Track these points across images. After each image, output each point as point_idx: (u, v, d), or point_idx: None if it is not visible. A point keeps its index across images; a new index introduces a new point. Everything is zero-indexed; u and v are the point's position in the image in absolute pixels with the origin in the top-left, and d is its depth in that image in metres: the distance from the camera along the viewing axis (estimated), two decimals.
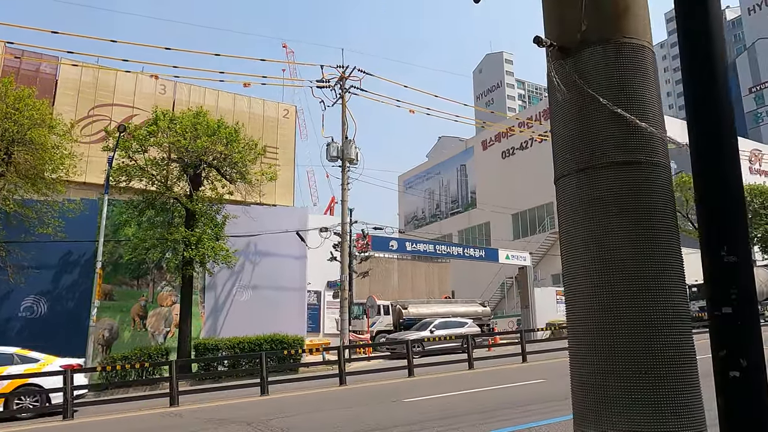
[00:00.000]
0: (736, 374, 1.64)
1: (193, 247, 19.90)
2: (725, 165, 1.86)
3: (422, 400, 9.17)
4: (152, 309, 24.10)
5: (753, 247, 45.63)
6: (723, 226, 1.80)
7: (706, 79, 1.87)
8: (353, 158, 24.84)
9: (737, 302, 1.68)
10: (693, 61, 1.92)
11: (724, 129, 1.88)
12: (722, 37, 1.92)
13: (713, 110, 1.88)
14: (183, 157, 20.75)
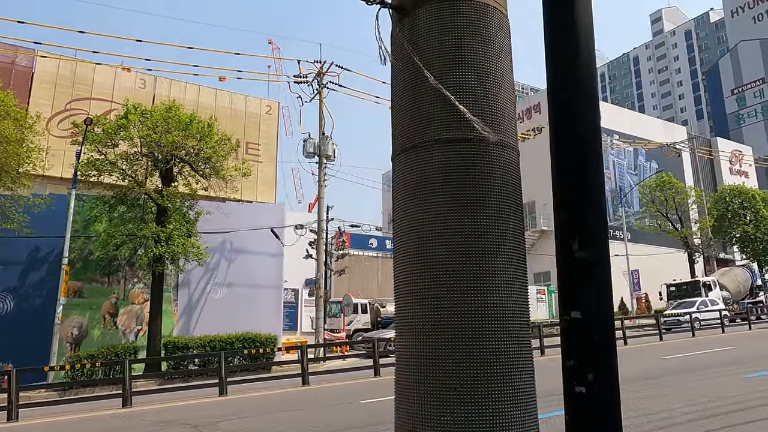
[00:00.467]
0: (581, 390, 1.40)
1: (163, 244, 19.51)
2: (584, 152, 1.61)
3: (379, 402, 8.94)
4: (123, 306, 23.64)
5: (732, 247, 46.03)
6: (576, 216, 1.56)
7: (571, 71, 1.61)
8: (330, 154, 24.56)
9: (588, 306, 1.44)
10: (557, 50, 1.67)
11: (580, 104, 1.62)
12: (589, 25, 1.67)
13: (577, 101, 1.63)
14: (154, 151, 20.33)
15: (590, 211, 1.52)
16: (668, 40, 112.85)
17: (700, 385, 8.80)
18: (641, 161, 48.74)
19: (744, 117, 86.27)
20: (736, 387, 8.47)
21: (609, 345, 1.43)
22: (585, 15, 1.62)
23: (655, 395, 8.12)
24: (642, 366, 11.50)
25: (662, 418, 6.63)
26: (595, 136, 1.59)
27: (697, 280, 32.19)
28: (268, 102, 42.41)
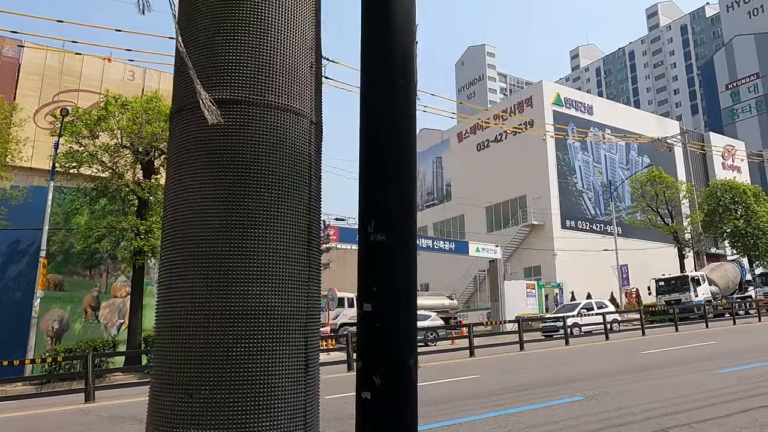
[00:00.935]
0: (367, 396, 1.20)
1: (143, 237, 19.30)
2: (387, 127, 1.39)
3: (338, 398, 8.79)
4: (105, 300, 23.45)
5: (723, 242, 46.03)
6: (373, 195, 1.36)
7: (384, 53, 1.41)
8: None
9: (378, 297, 1.24)
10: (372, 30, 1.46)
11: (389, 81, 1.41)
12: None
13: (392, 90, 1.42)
14: (134, 143, 20.07)
15: (391, 192, 1.32)
16: (664, 35, 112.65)
17: (669, 382, 8.66)
18: (633, 156, 48.64)
19: (738, 112, 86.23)
20: (706, 383, 8.33)
21: (403, 344, 1.23)
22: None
23: (620, 391, 7.97)
24: (615, 362, 11.37)
25: (619, 416, 6.47)
26: (399, 113, 1.39)
27: (685, 275, 32.13)
28: None
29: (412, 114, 1.45)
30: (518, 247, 44.10)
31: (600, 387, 8.46)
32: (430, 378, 10.86)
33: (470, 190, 48.61)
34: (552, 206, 42.29)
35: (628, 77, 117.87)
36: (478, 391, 8.70)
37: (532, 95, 45.65)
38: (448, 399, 8.28)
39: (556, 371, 10.71)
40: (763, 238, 40.49)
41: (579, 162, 45.05)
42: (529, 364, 12.37)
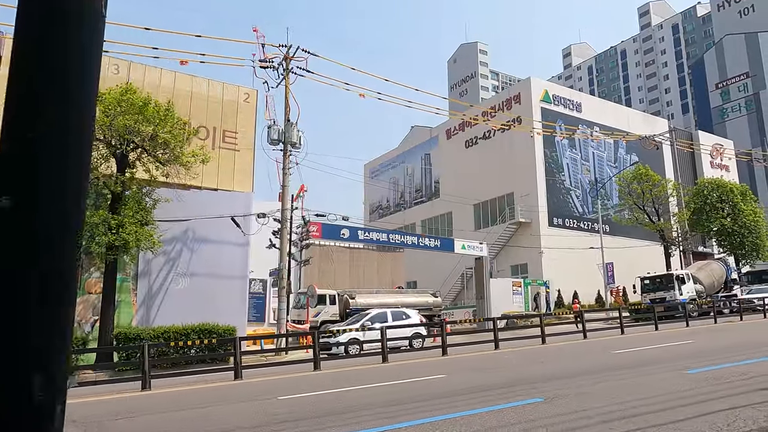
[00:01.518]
0: None
1: (114, 232, 18.86)
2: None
3: (296, 398, 8.46)
4: (79, 296, 22.98)
5: (710, 240, 45.96)
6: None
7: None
8: (295, 141, 23.99)
9: None
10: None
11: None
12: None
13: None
14: (106, 136, 19.64)
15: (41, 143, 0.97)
16: (655, 34, 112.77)
17: (634, 383, 8.38)
18: (621, 154, 48.50)
19: (728, 111, 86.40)
20: (672, 384, 8.04)
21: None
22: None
23: (582, 393, 7.67)
24: (586, 362, 11.09)
25: (575, 419, 6.17)
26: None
27: (670, 273, 31.97)
28: (246, 89, 41.52)
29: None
30: (505, 245, 43.88)
31: (563, 388, 8.16)
32: (393, 377, 10.55)
33: (458, 187, 48.34)
34: (539, 204, 42.07)
35: (620, 76, 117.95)
36: (437, 392, 8.38)
37: (520, 92, 45.37)
38: (402, 401, 7.96)
39: (524, 371, 10.42)
40: (750, 237, 40.42)
41: (567, 159, 44.84)
42: (501, 363, 12.07)
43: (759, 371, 8.76)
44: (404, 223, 56.14)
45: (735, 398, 6.81)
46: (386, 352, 13.75)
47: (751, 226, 40.38)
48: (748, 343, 13.14)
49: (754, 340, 13.97)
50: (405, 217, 56.90)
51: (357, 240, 31.34)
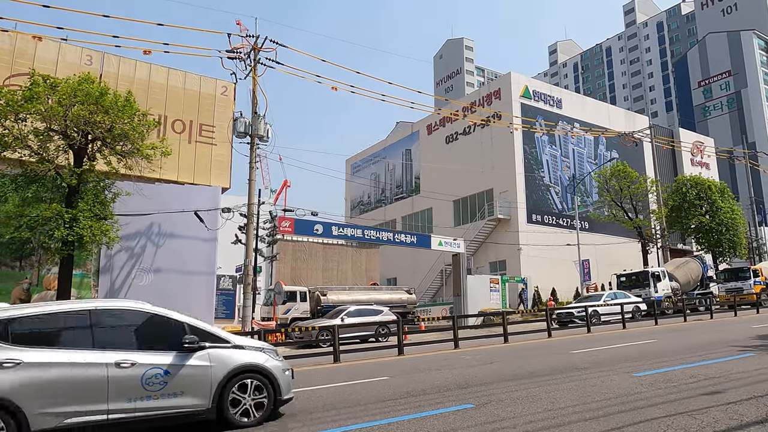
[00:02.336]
0: None
1: (67, 226, 18.19)
2: None
3: None
4: (37, 293, 22.31)
5: (689, 237, 45.99)
6: None
7: None
8: (263, 135, 23.42)
9: None
10: None
11: None
12: None
13: None
14: (61, 127, 18.93)
15: None
16: (640, 32, 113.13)
17: (577, 386, 7.98)
18: (602, 150, 48.37)
19: (710, 109, 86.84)
20: (616, 387, 7.66)
21: None
22: None
23: (517, 398, 7.25)
24: (538, 363, 10.71)
25: (500, 428, 5.73)
26: None
27: (645, 270, 31.82)
28: (224, 83, 40.81)
29: None
30: (484, 242, 43.58)
31: (500, 392, 7.75)
32: (336, 380, 10.09)
33: (439, 183, 47.97)
34: (518, 200, 41.79)
35: (605, 73, 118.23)
36: (368, 397, 7.93)
37: (500, 87, 44.98)
38: (335, 405, 7.50)
39: (470, 372, 10.00)
40: (727, 234, 40.48)
41: (546, 156, 44.59)
42: (452, 364, 11.65)
43: (709, 374, 8.41)
44: (385, 219, 55.71)
45: (674, 404, 6.44)
46: (338, 352, 13.27)
47: (729, 224, 40.44)
48: (708, 343, 12.85)
49: (717, 339, 13.69)
50: (386, 213, 56.47)
51: (331, 236, 30.82)
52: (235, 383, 6.51)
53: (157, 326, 6.48)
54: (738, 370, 8.59)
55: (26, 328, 5.86)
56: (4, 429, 5.30)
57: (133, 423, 5.96)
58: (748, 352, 10.75)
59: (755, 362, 9.44)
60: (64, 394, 5.66)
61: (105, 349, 5.99)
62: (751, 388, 7.13)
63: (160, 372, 6.13)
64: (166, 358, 6.25)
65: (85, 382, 5.78)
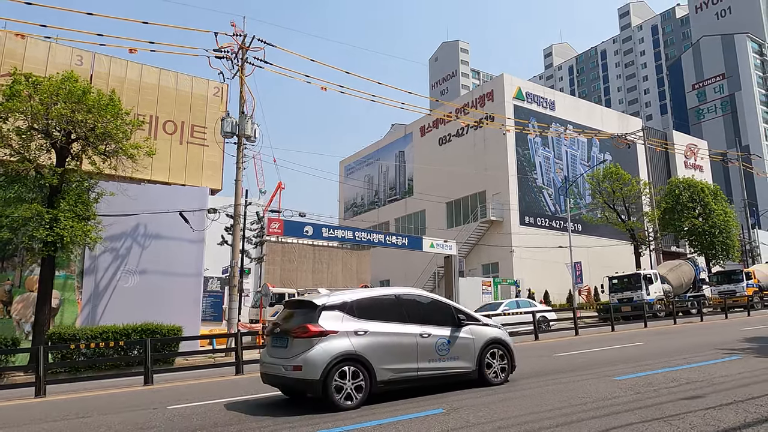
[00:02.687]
0: None
1: (47, 227, 17.87)
2: None
3: (189, 407, 7.72)
4: (19, 294, 21.97)
5: (682, 239, 45.88)
6: None
7: None
8: (250, 135, 23.13)
9: None
10: None
11: None
12: None
13: None
14: (42, 125, 18.63)
15: None
16: (635, 35, 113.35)
17: (555, 389, 7.74)
18: (595, 152, 48.25)
19: (704, 112, 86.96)
20: (594, 391, 7.42)
21: None
22: None
23: (491, 402, 7.00)
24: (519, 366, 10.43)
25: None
26: None
27: (637, 273, 31.63)
28: (216, 83, 40.59)
29: None
30: (477, 244, 43.36)
31: (474, 396, 7.51)
32: None
33: (432, 185, 47.79)
34: (511, 202, 41.61)
35: (600, 76, 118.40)
36: None
37: (493, 89, 44.84)
38: (300, 411, 7.22)
39: None
40: (720, 237, 40.35)
41: (539, 158, 44.44)
42: None
43: (691, 377, 8.19)
44: (378, 220, 55.47)
45: (651, 409, 6.20)
46: None
47: (722, 226, 40.32)
48: (695, 346, 12.64)
49: (704, 342, 13.48)
50: (379, 215, 56.22)
51: (321, 237, 30.55)
52: (487, 352, 8.59)
53: (437, 308, 8.56)
54: (721, 374, 8.37)
55: (363, 307, 7.77)
56: (363, 378, 7.26)
57: (430, 379, 7.96)
58: (733, 355, 10.54)
59: (739, 366, 9.22)
60: (393, 354, 7.62)
61: (412, 323, 7.98)
62: (732, 393, 6.91)
63: (444, 341, 8.18)
64: (447, 331, 8.27)
65: (404, 347, 7.75)
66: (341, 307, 7.59)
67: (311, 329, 7.24)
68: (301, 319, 7.52)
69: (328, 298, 7.78)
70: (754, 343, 12.70)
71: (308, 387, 7.09)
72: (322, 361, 7.04)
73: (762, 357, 10.31)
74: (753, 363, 9.52)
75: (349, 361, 7.22)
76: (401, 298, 8.24)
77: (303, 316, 7.57)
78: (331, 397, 6.99)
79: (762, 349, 11.53)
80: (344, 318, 7.48)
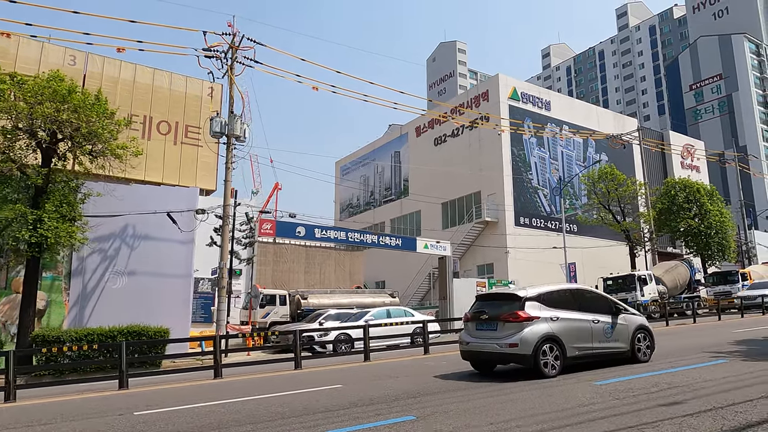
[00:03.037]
0: None
1: (30, 228, 17.65)
2: None
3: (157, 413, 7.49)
4: (5, 296, 21.75)
5: (680, 241, 45.70)
6: None
7: None
8: (239, 135, 22.90)
9: None
10: None
11: None
12: None
13: None
14: (27, 125, 18.42)
15: None
16: (633, 35, 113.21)
17: (534, 395, 7.53)
18: (591, 153, 48.06)
19: (701, 113, 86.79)
20: (573, 396, 7.22)
21: None
22: None
23: (465, 409, 6.78)
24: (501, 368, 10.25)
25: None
26: None
27: (632, 273, 31.44)
28: (210, 84, 40.37)
29: None
30: (472, 244, 43.15)
31: (451, 402, 7.30)
32: (291, 387, 9.60)
33: (427, 185, 47.59)
34: (506, 203, 41.39)
35: (598, 77, 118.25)
36: (311, 407, 7.45)
37: (488, 89, 44.63)
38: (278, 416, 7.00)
39: (425, 381, 9.53)
40: (716, 238, 40.18)
41: (535, 158, 44.23)
42: (414, 371, 11.19)
43: (673, 382, 7.98)
44: (374, 221, 55.24)
45: (626, 417, 6.00)
46: (299, 359, 12.79)
47: (718, 227, 40.14)
48: (683, 348, 12.44)
49: (694, 344, 13.28)
50: (375, 216, 56.00)
51: (314, 238, 30.31)
52: (637, 335, 10.46)
53: (599, 299, 10.60)
54: (705, 378, 8.16)
55: (550, 298, 9.74)
56: (558, 353, 9.20)
57: (600, 356, 9.92)
58: (721, 359, 10.34)
59: (725, 370, 9.01)
60: (576, 336, 9.58)
61: (585, 311, 9.92)
62: (713, 399, 6.70)
63: (608, 326, 10.08)
64: (609, 318, 10.16)
65: (583, 330, 9.71)
66: (537, 299, 9.53)
67: (521, 315, 9.17)
68: (507, 308, 9.43)
69: (527, 291, 9.72)
70: (743, 345, 12.50)
71: (522, 360, 9.05)
72: (532, 340, 8.98)
73: (749, 360, 10.11)
74: (738, 367, 9.31)
75: (549, 341, 9.16)
76: (573, 291, 10.32)
77: (509, 305, 9.49)
78: (539, 367, 8.92)
79: (750, 352, 11.33)
80: (541, 307, 9.44)
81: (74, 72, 34.54)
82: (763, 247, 53.11)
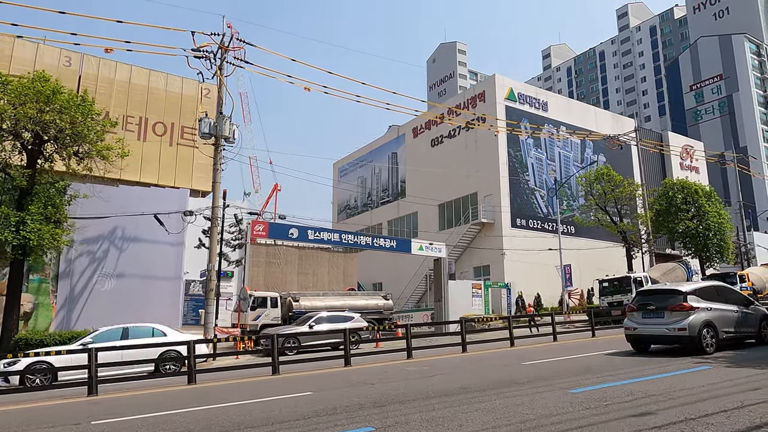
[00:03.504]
0: None
1: (13, 230, 17.47)
2: None
3: (111, 423, 7.26)
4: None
5: (675, 242, 45.35)
6: None
7: None
8: (228, 136, 22.67)
9: None
10: None
11: None
12: None
13: None
14: (11, 126, 18.25)
15: None
16: (633, 36, 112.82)
17: (507, 404, 7.28)
18: (588, 154, 47.75)
19: (702, 113, 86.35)
20: (546, 405, 6.97)
21: None
22: None
23: (430, 419, 6.53)
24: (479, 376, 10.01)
25: None
26: None
27: (627, 275, 31.13)
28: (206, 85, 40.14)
29: None
30: (468, 246, 42.86)
31: (414, 411, 7.05)
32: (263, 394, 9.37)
33: (424, 186, 47.32)
34: (502, 204, 41.11)
35: (599, 77, 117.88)
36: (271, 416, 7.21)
37: (485, 90, 44.37)
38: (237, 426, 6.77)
39: (400, 387, 9.29)
40: (714, 239, 39.82)
41: (532, 159, 43.94)
42: (391, 376, 10.94)
43: (649, 390, 7.72)
44: (371, 223, 55.00)
45: (594, 428, 5.75)
46: (277, 363, 12.53)
47: (716, 228, 39.78)
48: (669, 353, 12.15)
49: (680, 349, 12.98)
50: (372, 217, 55.75)
51: (307, 240, 30.04)
52: (762, 322, 13.08)
53: (732, 292, 13.30)
54: (682, 387, 7.90)
55: (702, 292, 12.28)
56: (714, 336, 11.73)
57: (739, 338, 12.65)
58: (704, 365, 10.07)
59: (706, 377, 8.75)
60: (725, 323, 12.09)
61: (728, 303, 12.54)
62: (687, 409, 6.45)
63: (744, 315, 12.69)
64: (743, 308, 12.81)
65: (729, 318, 12.28)
66: (693, 293, 12.09)
67: (687, 306, 11.71)
68: (672, 300, 11.99)
69: (687, 287, 12.35)
70: (731, 350, 12.23)
71: (689, 341, 11.51)
72: (696, 325, 11.48)
73: (733, 367, 9.85)
74: (722, 374, 9.05)
75: (707, 326, 11.62)
76: (717, 287, 12.85)
77: (673, 298, 12.06)
78: (702, 346, 11.41)
79: (737, 357, 11.06)
80: (698, 300, 11.91)
81: (70, 73, 34.41)
82: (762, 248, 52.71)
